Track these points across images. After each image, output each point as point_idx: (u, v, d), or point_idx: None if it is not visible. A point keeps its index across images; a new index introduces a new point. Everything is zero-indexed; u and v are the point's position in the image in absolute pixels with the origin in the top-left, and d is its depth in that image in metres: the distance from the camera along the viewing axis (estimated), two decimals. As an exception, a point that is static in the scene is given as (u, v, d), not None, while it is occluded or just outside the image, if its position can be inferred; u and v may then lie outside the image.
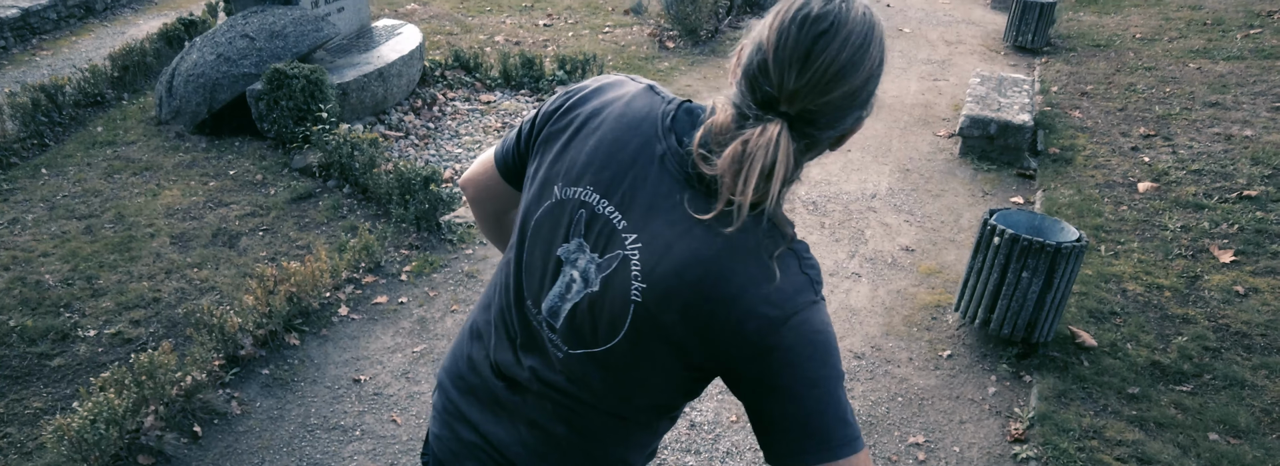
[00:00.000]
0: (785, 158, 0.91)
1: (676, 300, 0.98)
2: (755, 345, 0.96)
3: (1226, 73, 6.14)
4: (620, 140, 1.04)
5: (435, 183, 3.77)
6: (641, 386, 1.09)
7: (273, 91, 4.37)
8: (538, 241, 1.10)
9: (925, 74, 6.47)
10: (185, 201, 4.03)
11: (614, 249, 1.02)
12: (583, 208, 1.05)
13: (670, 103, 1.06)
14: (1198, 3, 8.33)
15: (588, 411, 1.12)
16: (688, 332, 0.99)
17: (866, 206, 4.30)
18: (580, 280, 1.06)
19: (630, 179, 1.02)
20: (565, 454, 1.16)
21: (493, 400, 1.20)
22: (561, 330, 1.09)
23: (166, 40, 6.00)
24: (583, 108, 1.10)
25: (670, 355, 1.03)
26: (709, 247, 0.96)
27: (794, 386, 0.96)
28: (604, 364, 1.07)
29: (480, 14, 7.93)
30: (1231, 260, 3.76)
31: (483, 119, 5.31)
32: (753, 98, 0.95)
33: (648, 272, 0.99)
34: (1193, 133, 5.14)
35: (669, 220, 0.99)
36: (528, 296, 1.13)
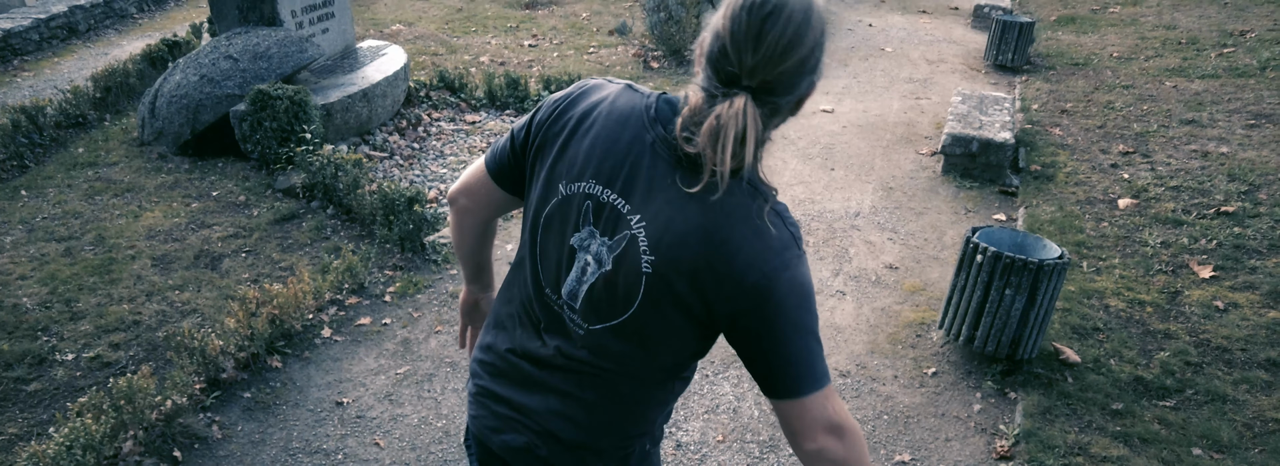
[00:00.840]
0: (753, 123, 1.08)
1: (684, 265, 1.13)
2: (754, 296, 1.12)
3: (1202, 91, 6.24)
4: (613, 135, 1.19)
5: (419, 203, 3.77)
6: (658, 348, 1.23)
7: (256, 112, 4.36)
8: (550, 235, 1.25)
9: (907, 93, 6.53)
10: (167, 223, 4.00)
11: (622, 230, 1.17)
12: (588, 199, 1.19)
13: (650, 97, 1.21)
14: (1172, 22, 8.48)
15: (612, 377, 1.27)
16: (695, 292, 1.14)
17: (850, 224, 4.32)
18: (594, 263, 1.20)
19: (628, 167, 1.17)
20: (594, 417, 1.30)
21: (523, 378, 1.33)
22: (581, 309, 1.23)
23: (150, 61, 5.99)
24: (573, 111, 1.23)
25: (681, 316, 1.17)
26: (705, 216, 1.12)
27: (787, 331, 1.13)
28: (622, 333, 1.22)
29: (465, 34, 7.96)
30: (1211, 275, 3.80)
31: (467, 139, 5.32)
32: (718, 78, 1.11)
33: (655, 246, 1.14)
34: (1170, 150, 5.21)
35: (667, 198, 1.14)
36: (547, 285, 1.27)
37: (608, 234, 1.19)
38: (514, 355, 1.34)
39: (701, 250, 1.12)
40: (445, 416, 2.87)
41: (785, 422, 1.20)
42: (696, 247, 1.12)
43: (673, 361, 1.27)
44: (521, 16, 8.75)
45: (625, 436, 1.33)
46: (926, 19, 9.26)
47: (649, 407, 1.33)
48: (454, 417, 2.87)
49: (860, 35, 8.36)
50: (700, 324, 1.19)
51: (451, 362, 3.13)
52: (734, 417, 2.90)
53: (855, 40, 8.14)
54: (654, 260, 1.15)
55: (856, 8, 9.71)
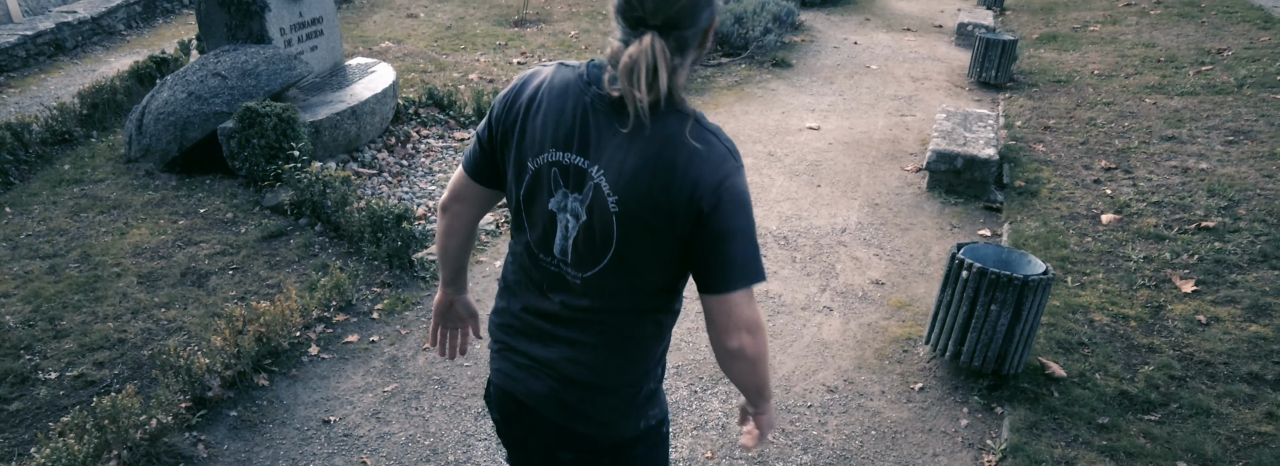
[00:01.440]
0: (662, 55, 1.23)
1: (642, 196, 1.29)
2: (703, 205, 1.28)
3: (1181, 108, 6.34)
4: (558, 107, 1.35)
5: (408, 220, 3.77)
6: (645, 276, 1.39)
7: (244, 130, 4.36)
8: (533, 207, 1.42)
9: (892, 110, 6.60)
10: (154, 240, 3.98)
11: (587, 182, 1.33)
12: (553, 166, 1.36)
13: (580, 66, 1.38)
14: (1151, 41, 8.62)
15: (613, 316, 1.43)
16: (658, 216, 1.30)
17: (836, 241, 4.35)
18: (572, 218, 1.37)
19: (578, 129, 1.33)
20: (603, 359, 1.46)
21: (537, 333, 1.49)
22: (573, 262, 1.40)
23: (138, 78, 5.99)
24: (521, 99, 1.40)
25: (654, 239, 1.33)
26: (648, 149, 1.28)
27: (729, 232, 1.31)
28: (612, 271, 1.38)
29: (454, 52, 8.00)
30: (1193, 290, 3.84)
31: (456, 156, 5.33)
32: (628, 25, 1.27)
33: (615, 187, 1.31)
34: (1151, 166, 5.28)
35: (615, 144, 1.30)
36: (540, 251, 1.44)
37: (576, 190, 1.35)
38: (527, 314, 1.51)
39: (652, 179, 1.28)
40: (433, 434, 2.86)
41: (714, 319, 1.37)
42: (648, 178, 1.29)
43: (660, 284, 1.42)
44: (510, 34, 8.80)
45: (633, 375, 1.49)
46: (911, 37, 9.37)
47: (647, 341, 1.48)
48: (442, 435, 2.86)
49: (846, 53, 8.45)
50: (671, 241, 1.34)
51: (439, 380, 3.12)
52: (723, 434, 2.91)
53: (841, 58, 8.22)
54: (618, 199, 1.31)
55: (841, 26, 9.83)
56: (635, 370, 1.49)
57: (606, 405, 1.49)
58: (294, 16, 5.18)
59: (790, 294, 3.80)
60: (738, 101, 6.65)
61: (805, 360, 3.31)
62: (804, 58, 8.18)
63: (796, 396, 3.10)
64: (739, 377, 1.46)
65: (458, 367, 3.19)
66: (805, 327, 3.53)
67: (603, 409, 1.49)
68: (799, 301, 3.74)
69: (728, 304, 1.34)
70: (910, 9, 11.24)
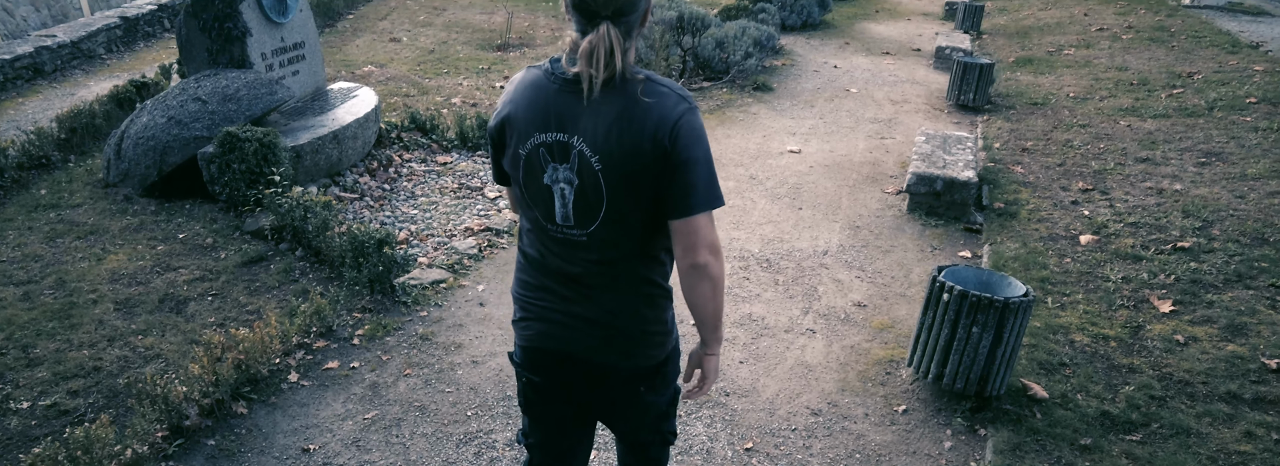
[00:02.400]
0: (617, 40, 1.50)
1: (617, 150, 1.54)
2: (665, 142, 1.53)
3: (1154, 130, 6.45)
4: (531, 98, 1.61)
5: (389, 245, 3.75)
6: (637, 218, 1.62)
7: (225, 154, 4.34)
8: (532, 187, 1.65)
9: (872, 133, 6.67)
10: (131, 266, 3.94)
11: (571, 152, 1.57)
12: (540, 147, 1.60)
13: (543, 64, 1.63)
14: (1124, 64, 8.79)
15: (620, 261, 1.67)
16: (635, 163, 1.54)
17: (818, 263, 4.37)
18: (566, 185, 1.60)
19: (552, 111, 1.58)
20: (629, 300, 1.71)
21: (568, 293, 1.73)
22: (576, 223, 1.63)
23: (117, 102, 5.96)
24: (504, 105, 1.66)
25: (637, 186, 1.57)
26: (612, 111, 1.54)
27: (691, 161, 1.54)
28: (609, 222, 1.61)
29: (437, 76, 8.02)
30: (1171, 310, 3.88)
31: (439, 180, 5.32)
32: (583, 17, 1.52)
33: (594, 149, 1.55)
34: (1127, 187, 5.36)
35: (585, 116, 1.55)
36: (547, 223, 1.67)
37: (563, 160, 1.59)
38: (554, 280, 1.74)
39: (622, 134, 1.53)
40: (414, 462, 2.83)
41: (680, 240, 1.60)
42: (618, 135, 1.53)
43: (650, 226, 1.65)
44: (493, 58, 8.84)
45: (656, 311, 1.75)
46: (890, 60, 9.50)
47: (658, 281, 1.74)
48: (423, 463, 2.82)
49: (826, 77, 8.55)
50: (649, 184, 1.57)
51: (420, 406, 3.09)
52: (707, 459, 2.89)
53: (821, 82, 8.32)
54: (599, 157, 1.55)
55: (821, 50, 9.95)
56: (656, 307, 1.76)
57: (644, 339, 1.76)
58: (276, 41, 5.19)
59: (773, 316, 3.80)
60: (720, 125, 6.70)
61: (789, 383, 3.31)
62: (785, 81, 8.27)
63: (781, 420, 3.09)
64: (701, 300, 1.67)
65: (439, 394, 3.16)
66: (789, 350, 3.53)
67: (642, 343, 1.76)
68: (782, 324, 3.74)
69: (692, 225, 1.58)
70: (889, 33, 11.41)
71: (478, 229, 4.57)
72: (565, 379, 1.82)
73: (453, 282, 3.98)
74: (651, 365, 1.80)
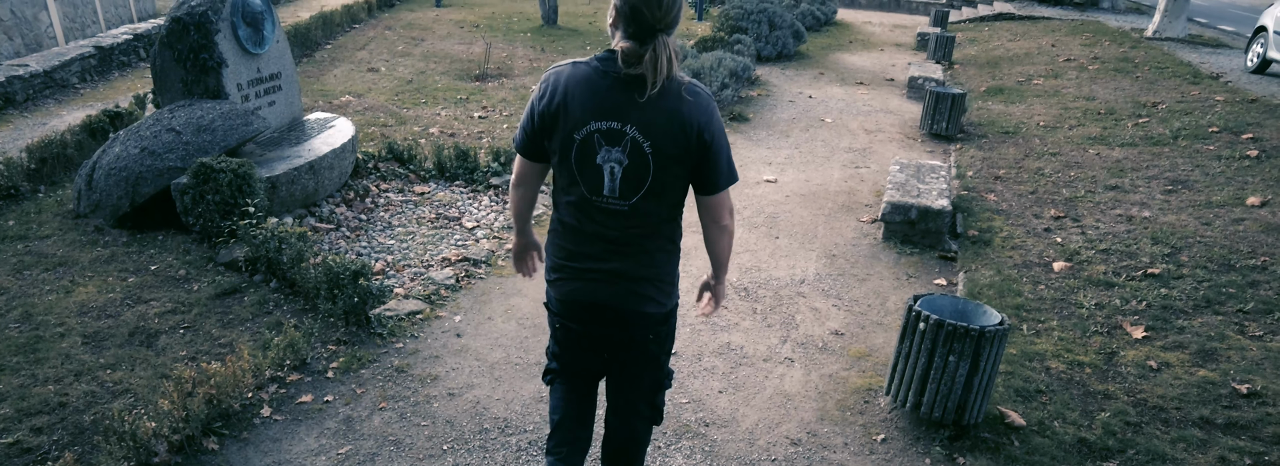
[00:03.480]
0: (674, 51, 1.90)
1: (665, 138, 1.95)
2: (703, 136, 1.97)
3: (1122, 158, 6.58)
4: (585, 91, 1.95)
5: (365, 276, 3.72)
6: (670, 193, 2.05)
7: (199, 185, 4.30)
8: (585, 165, 2.00)
9: (847, 162, 6.75)
10: (101, 298, 3.87)
11: (624, 138, 1.95)
12: (595, 133, 1.96)
13: (590, 61, 1.99)
14: (1091, 94, 8.99)
15: (652, 224, 2.08)
16: (679, 148, 1.96)
17: (796, 292, 4.38)
18: (617, 165, 1.98)
19: (606, 103, 1.94)
20: (650, 258, 2.12)
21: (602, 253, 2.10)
22: (622, 195, 2.02)
23: (90, 132, 5.90)
24: (556, 94, 1.98)
25: (677, 166, 2.00)
26: (662, 105, 1.93)
27: (718, 150, 2.01)
28: (650, 195, 2.02)
29: (415, 106, 8.03)
30: (1143, 336, 3.93)
31: (416, 210, 5.30)
32: (639, 32, 1.89)
33: (646, 135, 1.94)
34: (1098, 214, 5.45)
35: (637, 108, 1.93)
36: (594, 195, 2.03)
37: (615, 145, 1.96)
38: (586, 243, 2.11)
39: (669, 125, 1.94)
40: (389, 498, 2.77)
41: (710, 209, 2.10)
42: (666, 125, 1.94)
43: (676, 199, 2.09)
44: (472, 89, 8.88)
45: (669, 268, 2.17)
46: (864, 90, 9.65)
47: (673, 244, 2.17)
48: (398, 499, 2.77)
49: (801, 107, 8.66)
50: (686, 165, 2.01)
51: (395, 441, 3.04)
52: (686, 491, 2.86)
53: (796, 112, 8.42)
54: (650, 143, 1.95)
55: (796, 80, 10.10)
56: (670, 263, 2.18)
57: (659, 289, 2.16)
58: (252, 72, 5.18)
59: (752, 345, 3.80)
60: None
61: (768, 412, 3.30)
62: (760, 112, 8.36)
63: (760, 450, 3.07)
64: (720, 248, 2.19)
65: (414, 427, 3.12)
66: (768, 379, 3.53)
67: (657, 292, 2.16)
68: (761, 353, 3.74)
69: (722, 197, 2.09)
70: (862, 63, 11.61)
71: (455, 259, 4.55)
72: (593, 324, 2.21)
73: (429, 314, 3.95)
74: (661, 313, 2.20)
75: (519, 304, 4.12)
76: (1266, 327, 3.96)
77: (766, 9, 11.55)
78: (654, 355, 2.28)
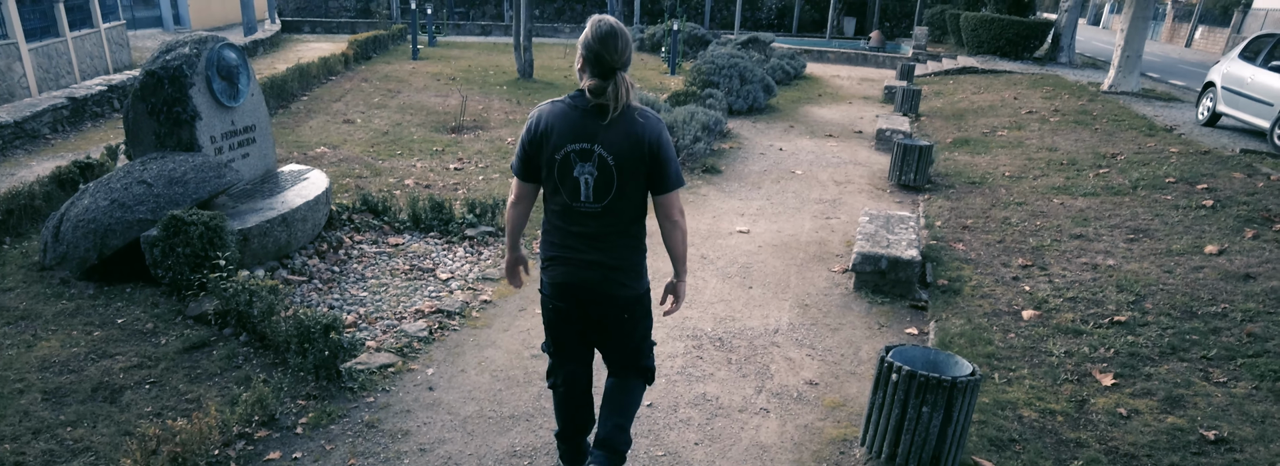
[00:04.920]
0: (632, 84, 2.43)
1: (625, 152, 2.47)
2: (653, 148, 2.49)
3: (1085, 207, 6.74)
4: (561, 123, 2.49)
5: (336, 330, 3.68)
6: (634, 196, 2.56)
7: (169, 238, 4.27)
8: (565, 177, 2.52)
9: (818, 212, 6.85)
10: (64, 353, 3.79)
11: (594, 155, 2.47)
12: (572, 152, 2.48)
13: (563, 98, 2.54)
14: (1053, 145, 9.25)
15: (623, 224, 2.60)
16: (637, 161, 2.48)
17: (770, 341, 4.40)
18: (588, 177, 2.50)
19: (578, 129, 2.47)
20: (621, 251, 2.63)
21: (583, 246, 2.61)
22: (593, 199, 2.53)
23: (59, 183, 5.86)
24: (540, 125, 2.52)
25: (636, 175, 2.51)
26: (622, 129, 2.46)
27: (666, 160, 2.52)
28: (617, 198, 2.53)
29: (391, 158, 8.07)
30: (1112, 383, 3.98)
31: (390, 261, 5.28)
32: (600, 71, 2.42)
33: (610, 151, 2.46)
34: (1064, 262, 5.56)
35: (602, 130, 2.46)
36: (573, 201, 2.55)
37: (587, 161, 2.48)
38: (574, 238, 2.61)
39: (627, 142, 2.46)
40: (357, 558, 2.70)
41: (662, 207, 2.61)
42: (624, 142, 2.46)
43: (639, 201, 2.59)
44: (447, 140, 8.94)
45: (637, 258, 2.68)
46: (833, 142, 9.86)
47: (639, 239, 2.68)
48: (367, 559, 2.70)
49: (772, 159, 8.81)
50: (643, 174, 2.53)
51: (366, 498, 2.98)
52: (662, 547, 2.81)
53: (767, 164, 8.57)
54: (613, 157, 2.47)
55: (767, 133, 10.29)
56: (637, 255, 2.68)
57: (628, 276, 2.67)
58: (226, 125, 5.20)
59: (727, 396, 3.80)
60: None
61: (745, 465, 3.28)
62: (732, 164, 8.50)
63: (736, 504, 3.04)
64: (675, 243, 2.66)
65: (386, 484, 3.05)
66: (743, 430, 3.52)
67: (627, 278, 2.67)
68: (736, 403, 3.74)
69: (669, 197, 2.60)
70: (831, 116, 11.88)
71: (428, 311, 4.53)
72: (579, 303, 2.69)
73: (401, 367, 3.91)
74: (634, 295, 2.71)
75: (493, 355, 4.09)
76: (1230, 374, 4.03)
77: (737, 64, 11.83)
78: (630, 329, 2.78)
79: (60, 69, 14.16)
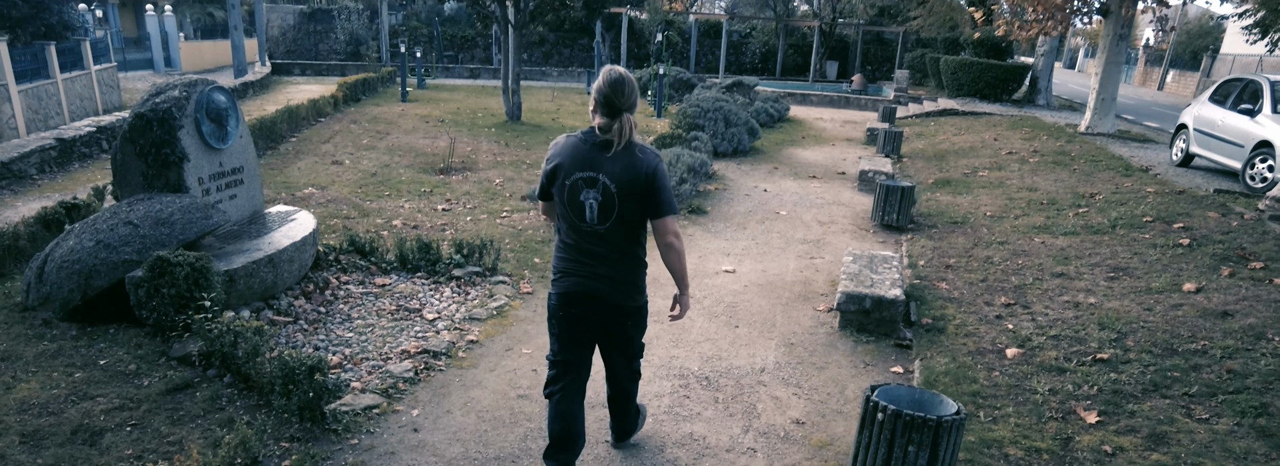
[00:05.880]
0: (633, 124, 2.87)
1: (625, 181, 2.84)
2: (650, 179, 2.86)
3: (1066, 246, 6.84)
4: (573, 154, 2.90)
5: (321, 371, 3.67)
6: (634, 219, 2.93)
7: (154, 279, 4.26)
8: (573, 201, 2.91)
9: (802, 252, 6.91)
10: (43, 395, 3.75)
11: (599, 182, 2.85)
12: (580, 179, 2.87)
13: (576, 133, 2.95)
14: (1033, 185, 9.41)
15: (624, 242, 2.97)
16: (636, 188, 2.85)
17: (756, 380, 4.41)
18: (593, 200, 2.88)
19: (587, 160, 2.87)
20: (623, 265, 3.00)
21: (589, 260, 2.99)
22: (597, 221, 2.91)
23: (44, 224, 5.84)
24: (556, 156, 2.94)
25: (635, 201, 2.87)
26: (623, 161, 2.85)
27: (662, 188, 2.89)
28: (618, 221, 2.91)
29: (379, 198, 8.10)
30: (1096, 420, 4.00)
31: (377, 302, 5.28)
32: (609, 111, 2.84)
33: (613, 180, 2.84)
34: (1046, 301, 5.62)
35: (607, 162, 2.85)
36: (579, 222, 2.93)
37: (593, 187, 2.87)
38: (582, 254, 2.99)
39: (627, 173, 2.84)
40: None
41: (659, 230, 2.94)
42: (626, 173, 2.84)
43: (639, 224, 2.98)
44: (436, 181, 9.00)
45: (637, 273, 3.06)
46: (816, 184, 9.98)
47: (639, 256, 3.06)
48: None
49: (756, 200, 8.91)
50: (641, 201, 2.90)
51: (349, 542, 2.93)
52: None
53: (752, 205, 8.66)
54: (614, 185, 2.85)
55: (752, 174, 10.42)
56: (638, 270, 3.07)
57: (630, 288, 3.05)
58: (214, 166, 5.23)
59: (714, 435, 3.79)
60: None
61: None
62: (718, 205, 8.59)
63: (724, 545, 3.02)
64: (672, 262, 3.01)
65: (369, 527, 3.01)
66: (730, 471, 3.50)
67: (628, 290, 3.04)
68: (723, 443, 3.73)
69: (664, 222, 2.94)
70: (815, 158, 12.05)
71: (414, 351, 4.51)
72: (582, 309, 3.05)
73: (386, 408, 3.88)
74: (635, 306, 3.09)
75: (479, 396, 4.07)
76: (1211, 411, 4.07)
77: (722, 107, 12.03)
78: (630, 335, 3.19)
79: (49, 110, 14.21)
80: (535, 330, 4.99)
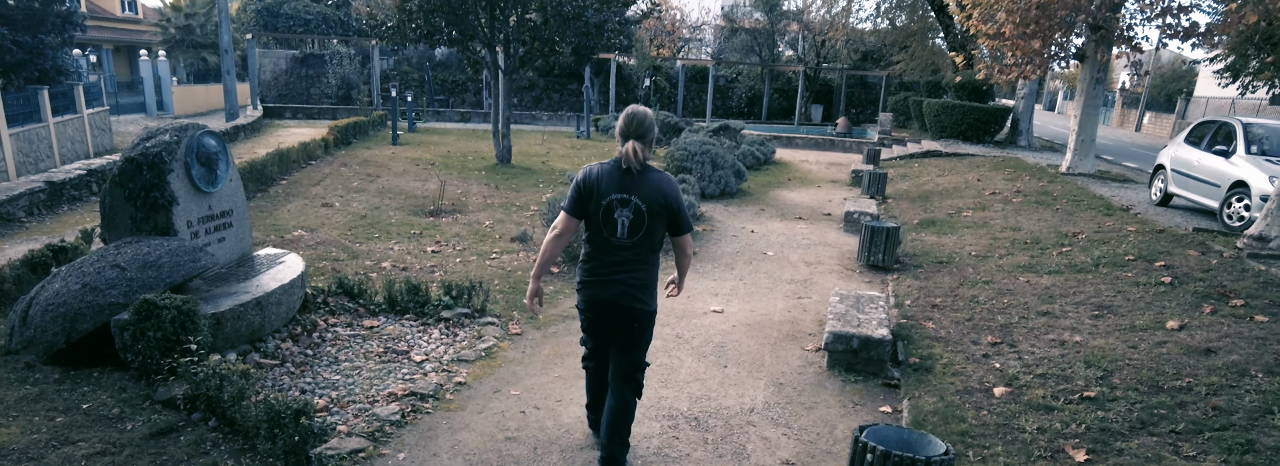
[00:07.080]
0: (642, 150, 3.44)
1: (653, 200, 3.42)
2: (671, 200, 3.46)
3: (1050, 285, 6.91)
4: (608, 177, 3.44)
5: (307, 415, 3.65)
6: (657, 235, 3.50)
7: (140, 322, 4.25)
8: (607, 219, 3.42)
9: (790, 293, 6.95)
10: (23, 440, 3.70)
11: (630, 202, 3.40)
12: (614, 200, 3.40)
13: (608, 161, 3.51)
14: (1017, 225, 9.52)
15: (645, 254, 3.52)
16: (661, 207, 3.44)
17: (746, 420, 4.40)
18: (625, 219, 3.42)
19: (619, 183, 3.42)
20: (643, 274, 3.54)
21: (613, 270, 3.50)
22: (628, 235, 3.44)
23: (30, 267, 5.82)
24: (592, 178, 3.45)
25: (660, 219, 3.46)
26: (648, 183, 3.43)
27: (681, 207, 3.51)
28: (645, 235, 3.47)
29: (368, 241, 8.12)
30: (1085, 459, 4.00)
31: (364, 344, 5.26)
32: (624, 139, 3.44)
33: (642, 200, 3.41)
34: (1032, 339, 5.65)
35: (634, 184, 3.42)
36: (610, 236, 3.45)
37: (625, 207, 3.38)
38: (607, 264, 3.48)
39: (654, 193, 3.40)
40: None
41: (678, 244, 3.61)
42: (652, 193, 3.40)
43: (659, 238, 3.50)
44: (426, 224, 9.03)
45: (652, 279, 3.56)
46: (803, 225, 10.07)
47: (656, 265, 3.58)
48: None
49: (743, 241, 8.98)
50: (664, 219, 3.46)
51: (333, 589, 2.89)
52: None
53: (739, 246, 8.72)
54: (643, 204, 3.39)
55: (739, 216, 10.51)
56: (652, 278, 3.56)
57: (645, 293, 3.52)
58: (203, 210, 5.26)
59: None
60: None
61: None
62: (706, 246, 8.64)
63: (713, 589, 2.99)
64: (683, 266, 3.72)
65: (354, 573, 2.97)
66: (719, 513, 3.48)
67: (644, 296, 3.52)
68: (712, 485, 3.71)
69: (685, 238, 3.57)
70: (800, 200, 12.18)
71: (401, 394, 4.49)
72: (605, 313, 3.55)
73: (372, 452, 3.85)
74: (648, 311, 3.54)
75: (466, 439, 4.05)
76: (1198, 448, 4.08)
77: (709, 150, 12.19)
78: (637, 338, 3.58)
79: (40, 153, 14.25)
80: (524, 371, 4.98)
